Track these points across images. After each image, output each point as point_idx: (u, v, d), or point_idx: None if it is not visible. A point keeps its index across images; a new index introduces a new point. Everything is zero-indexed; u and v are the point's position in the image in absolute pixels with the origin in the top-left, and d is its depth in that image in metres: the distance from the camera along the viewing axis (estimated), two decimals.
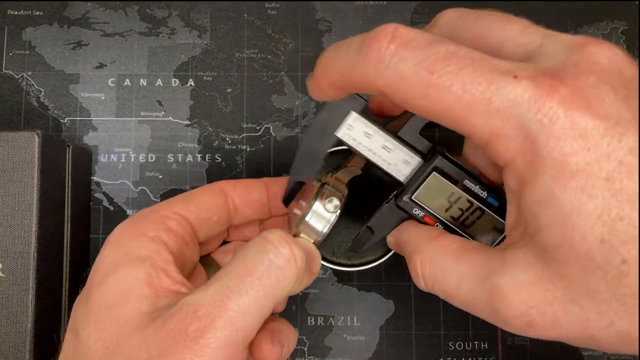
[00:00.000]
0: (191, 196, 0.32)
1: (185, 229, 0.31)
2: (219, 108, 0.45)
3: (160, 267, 0.27)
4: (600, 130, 0.20)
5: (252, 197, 0.34)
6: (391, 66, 0.22)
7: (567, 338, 0.22)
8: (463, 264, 0.25)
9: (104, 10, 0.46)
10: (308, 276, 0.28)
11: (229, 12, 0.46)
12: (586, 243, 0.20)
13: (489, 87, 0.21)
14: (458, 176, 0.28)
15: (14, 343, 0.34)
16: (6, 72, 0.45)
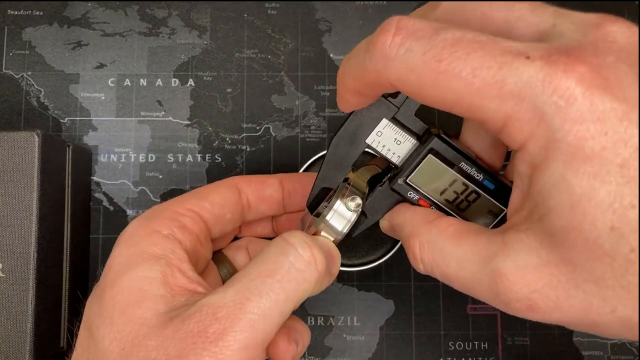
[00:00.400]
0: (205, 192, 0.32)
1: (199, 226, 0.30)
2: (219, 108, 0.45)
3: (176, 265, 0.27)
4: (618, 113, 0.19)
5: (266, 194, 0.33)
6: (398, 58, 0.22)
7: (568, 322, 0.22)
8: (463, 246, 0.24)
9: (103, 10, 0.46)
10: (328, 277, 0.28)
11: (229, 12, 0.46)
12: (595, 229, 0.20)
13: (500, 70, 0.21)
14: (454, 159, 0.27)
15: (14, 343, 0.34)
16: (6, 72, 0.45)
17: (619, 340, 0.43)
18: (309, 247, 0.26)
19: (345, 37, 0.46)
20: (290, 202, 0.34)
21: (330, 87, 0.45)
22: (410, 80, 0.22)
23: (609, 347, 0.43)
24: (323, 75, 0.45)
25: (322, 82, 0.45)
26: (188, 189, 0.44)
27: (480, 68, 0.21)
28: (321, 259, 0.26)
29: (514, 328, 0.43)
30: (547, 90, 0.20)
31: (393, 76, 0.22)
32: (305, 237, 0.26)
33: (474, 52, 0.21)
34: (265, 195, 0.33)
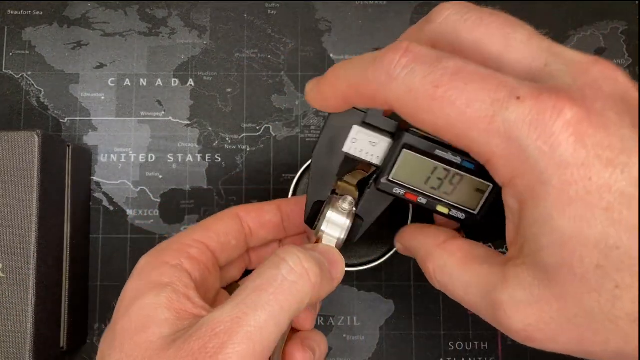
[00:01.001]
0: (209, 223, 0.33)
1: (206, 255, 0.31)
2: (219, 108, 0.45)
3: (182, 292, 0.28)
4: (603, 160, 0.20)
5: (265, 219, 0.34)
6: (400, 78, 0.23)
7: (566, 352, 0.23)
8: (468, 274, 0.26)
9: (103, 10, 0.46)
10: (329, 283, 0.29)
11: (229, 12, 0.46)
12: (583, 267, 0.21)
13: (492, 105, 0.21)
14: (429, 148, 0.28)
15: (14, 343, 0.34)
16: (6, 72, 0.45)
17: None
18: (299, 259, 0.27)
19: (345, 37, 0.46)
20: (290, 225, 0.35)
21: None
22: (407, 102, 0.23)
23: None
24: None
25: None
26: (188, 189, 0.44)
27: (474, 100, 0.22)
28: (314, 269, 0.27)
29: None
30: (533, 134, 0.21)
31: (392, 95, 0.23)
32: (296, 250, 0.27)
33: (471, 84, 0.22)
34: (264, 221, 0.34)
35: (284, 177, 0.44)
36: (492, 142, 0.22)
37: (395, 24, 0.46)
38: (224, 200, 0.44)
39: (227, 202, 0.44)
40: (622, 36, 0.45)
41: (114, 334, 0.27)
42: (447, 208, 0.29)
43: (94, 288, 0.43)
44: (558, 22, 0.45)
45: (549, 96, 0.21)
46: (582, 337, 0.22)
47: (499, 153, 0.22)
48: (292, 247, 0.27)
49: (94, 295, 0.43)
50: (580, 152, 0.20)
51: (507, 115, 0.21)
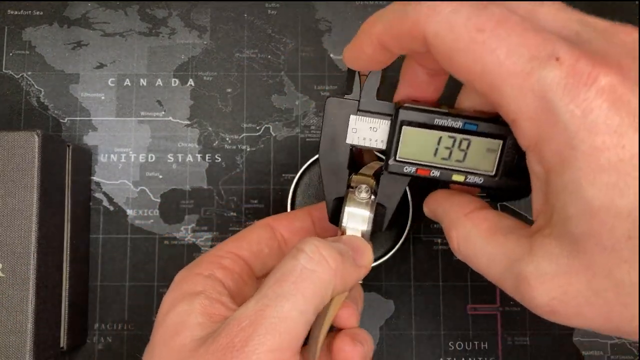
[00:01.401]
0: (241, 235, 0.33)
1: (240, 265, 0.31)
2: (219, 108, 0.45)
3: (215, 298, 0.28)
4: (637, 128, 0.20)
5: (296, 226, 0.34)
6: (443, 14, 0.22)
7: (591, 327, 0.23)
8: (493, 244, 0.25)
9: (103, 10, 0.46)
10: (355, 270, 0.29)
11: (229, 12, 0.46)
12: (613, 238, 0.20)
13: (530, 62, 0.21)
14: (427, 119, 0.28)
15: (14, 343, 0.34)
16: (6, 72, 0.45)
17: (619, 340, 0.43)
18: (316, 247, 0.27)
19: (345, 37, 0.46)
20: (321, 229, 0.35)
21: (330, 87, 0.45)
22: (446, 40, 0.22)
23: (609, 347, 0.43)
24: (323, 75, 0.45)
25: (322, 82, 0.45)
26: (188, 189, 0.44)
27: (514, 53, 0.21)
28: (332, 255, 0.27)
29: (514, 328, 0.43)
30: (566, 97, 0.20)
31: (432, 29, 0.22)
32: (314, 239, 0.27)
33: (515, 35, 0.21)
34: (296, 228, 0.34)
35: (284, 177, 0.44)
36: (524, 100, 0.21)
37: None
38: (223, 200, 0.44)
39: (227, 202, 0.44)
40: None
41: (152, 345, 0.28)
42: (463, 175, 0.28)
43: (94, 288, 0.43)
44: None
45: (587, 61, 0.20)
46: (611, 311, 0.21)
47: (528, 113, 0.21)
48: (310, 237, 0.27)
49: (94, 295, 0.43)
50: (614, 119, 0.20)
51: (544, 75, 0.21)
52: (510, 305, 0.43)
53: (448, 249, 0.43)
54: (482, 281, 0.43)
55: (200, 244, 0.43)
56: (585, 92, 0.20)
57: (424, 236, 0.44)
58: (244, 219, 0.44)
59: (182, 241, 0.43)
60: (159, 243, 0.43)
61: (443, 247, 0.44)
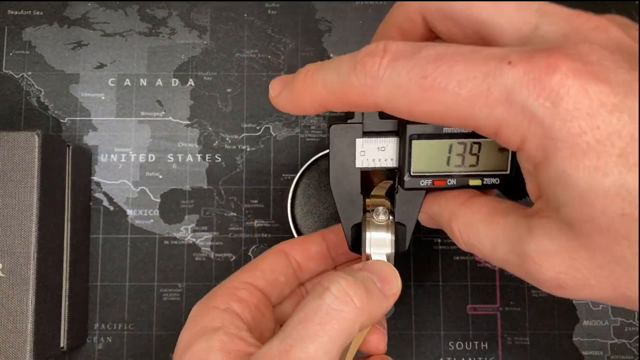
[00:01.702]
0: (255, 264, 0.33)
1: (256, 296, 0.31)
2: (219, 108, 0.45)
3: (234, 333, 0.28)
4: (608, 106, 0.20)
5: (311, 252, 0.34)
6: (385, 79, 0.22)
7: (601, 298, 0.23)
8: (494, 229, 0.25)
9: (104, 10, 0.46)
10: (383, 301, 0.28)
11: (229, 12, 0.46)
12: (607, 218, 0.20)
13: (485, 78, 0.21)
14: (435, 129, 0.28)
15: (14, 343, 0.34)
16: (6, 72, 0.45)
17: (619, 340, 0.43)
18: (342, 287, 0.26)
19: (345, 37, 0.46)
20: (337, 254, 0.34)
21: None
22: (399, 99, 0.23)
23: (609, 347, 0.43)
24: None
25: None
26: (188, 189, 0.44)
27: (465, 79, 0.21)
28: (358, 294, 0.26)
29: (514, 328, 0.43)
30: (533, 93, 0.21)
31: (381, 97, 0.23)
32: (340, 277, 0.27)
33: (457, 65, 0.22)
34: (311, 254, 0.34)
35: (284, 177, 0.44)
36: (495, 113, 0.21)
37: None
38: (223, 200, 0.44)
39: (227, 202, 0.44)
40: None
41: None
42: (479, 179, 0.28)
43: (94, 288, 0.43)
44: None
45: (541, 56, 0.21)
46: (618, 281, 0.21)
47: (504, 122, 0.21)
48: (336, 274, 0.27)
49: (94, 295, 0.43)
50: (584, 102, 0.20)
51: (503, 82, 0.21)
52: (510, 305, 0.43)
53: (448, 249, 0.43)
54: (482, 281, 0.43)
55: (200, 244, 0.43)
56: (548, 82, 0.20)
57: (424, 236, 0.44)
58: (244, 219, 0.44)
59: (182, 241, 0.43)
60: (159, 243, 0.43)
61: (443, 247, 0.44)
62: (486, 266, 0.43)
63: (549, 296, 0.43)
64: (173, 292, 0.43)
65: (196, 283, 0.43)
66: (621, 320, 0.43)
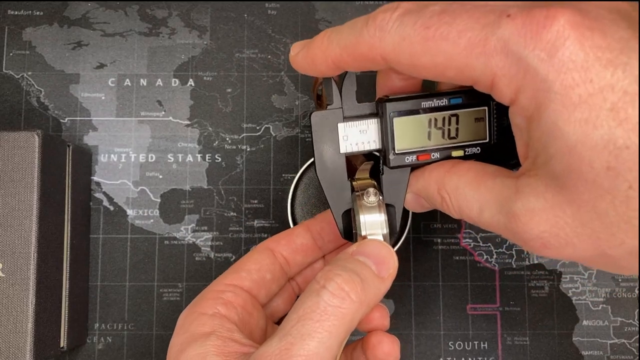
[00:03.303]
0: (240, 265, 0.33)
1: (242, 297, 0.31)
2: (219, 108, 0.45)
3: (226, 336, 0.28)
4: (602, 61, 0.20)
5: (297, 244, 0.34)
6: (393, 31, 0.24)
7: (581, 258, 0.23)
8: (481, 191, 0.26)
9: (104, 10, 0.46)
10: (380, 285, 0.28)
11: (229, 12, 0.46)
12: (593, 171, 0.21)
13: (483, 29, 0.22)
14: (414, 105, 0.28)
15: (14, 343, 0.34)
16: (6, 72, 0.45)
17: (619, 340, 0.43)
18: (338, 284, 0.26)
19: None
20: (323, 242, 0.34)
21: None
22: (403, 50, 0.24)
23: (609, 347, 0.43)
24: None
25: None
26: (188, 189, 0.44)
27: (464, 30, 0.22)
28: (355, 288, 0.26)
29: (514, 328, 0.43)
30: (529, 44, 0.21)
31: (388, 47, 0.24)
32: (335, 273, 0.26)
33: (459, 17, 0.23)
34: (297, 247, 0.34)
35: (284, 177, 0.44)
36: (492, 63, 0.22)
37: None
38: (223, 200, 0.44)
39: (227, 202, 0.44)
40: None
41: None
42: (462, 150, 0.29)
43: (94, 288, 0.43)
44: None
45: (540, 9, 0.21)
46: (598, 239, 0.22)
47: (499, 72, 0.22)
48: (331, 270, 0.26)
49: (94, 295, 0.43)
50: (579, 55, 0.20)
51: (501, 33, 0.22)
52: (510, 305, 0.43)
53: (448, 249, 0.44)
54: (482, 281, 0.43)
55: (200, 244, 0.43)
56: (546, 34, 0.21)
57: (424, 236, 0.44)
58: (244, 219, 0.44)
59: (182, 241, 0.43)
60: (159, 243, 0.43)
61: (443, 247, 0.44)
62: (486, 266, 0.43)
63: (548, 296, 0.43)
64: (173, 292, 0.43)
65: (196, 283, 0.43)
66: (621, 320, 0.43)
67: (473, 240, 0.43)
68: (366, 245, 0.28)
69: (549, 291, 0.43)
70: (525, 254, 0.43)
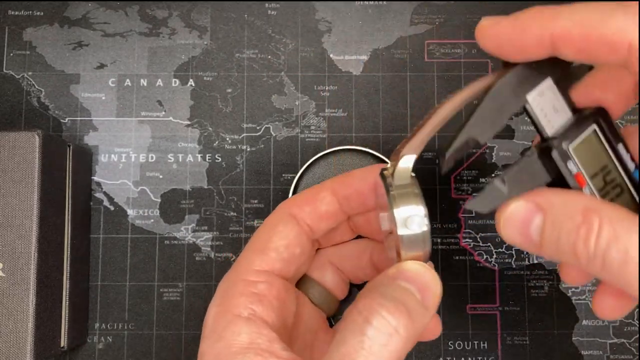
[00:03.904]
0: (265, 240, 0.29)
1: (276, 287, 0.28)
2: (219, 108, 0.45)
3: (266, 349, 0.25)
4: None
5: (322, 212, 0.31)
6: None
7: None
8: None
9: (104, 11, 0.46)
10: (426, 315, 0.25)
11: (229, 12, 0.46)
12: None
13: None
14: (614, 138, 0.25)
15: (14, 342, 0.34)
16: (7, 73, 0.45)
17: (619, 340, 0.43)
18: (384, 319, 0.23)
19: (345, 38, 0.46)
20: (350, 208, 0.31)
21: (329, 87, 0.45)
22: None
23: (609, 346, 0.43)
24: (323, 76, 0.45)
25: (322, 82, 0.45)
26: (188, 189, 0.44)
27: None
28: (403, 322, 0.24)
29: (514, 328, 0.43)
30: None
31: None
32: (380, 304, 0.24)
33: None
34: (321, 214, 0.31)
35: (284, 177, 0.44)
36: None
37: (395, 24, 0.46)
38: (224, 200, 0.44)
39: (227, 202, 0.44)
40: None
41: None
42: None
43: (94, 288, 0.43)
44: None
45: None
46: None
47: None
48: (374, 298, 0.24)
49: (94, 295, 0.43)
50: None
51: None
52: (509, 305, 0.43)
53: (448, 249, 0.44)
54: (481, 281, 0.43)
55: (201, 244, 0.43)
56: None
57: None
58: (244, 219, 0.44)
59: (183, 241, 0.43)
60: (159, 243, 0.43)
61: (443, 247, 0.44)
62: (486, 266, 0.43)
63: (548, 296, 0.43)
64: (173, 292, 0.43)
65: (196, 283, 0.43)
66: (621, 320, 0.43)
67: (473, 240, 0.43)
68: (409, 269, 0.25)
69: (548, 291, 0.43)
70: (525, 254, 0.43)
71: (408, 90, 0.45)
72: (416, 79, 0.45)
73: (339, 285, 0.35)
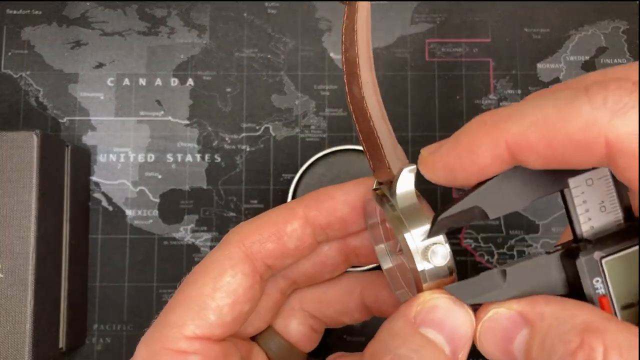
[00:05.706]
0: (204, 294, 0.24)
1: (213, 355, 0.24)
2: (219, 108, 0.45)
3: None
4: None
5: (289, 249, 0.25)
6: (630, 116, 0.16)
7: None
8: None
9: (102, 10, 0.45)
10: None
11: (228, 12, 0.46)
12: None
13: None
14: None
15: (12, 343, 0.34)
16: (5, 72, 0.45)
17: None
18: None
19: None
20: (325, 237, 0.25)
21: (330, 86, 0.45)
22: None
23: None
24: (323, 75, 0.45)
25: (322, 81, 0.45)
26: (187, 189, 0.44)
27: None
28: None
29: None
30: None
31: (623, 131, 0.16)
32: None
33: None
34: (288, 250, 0.25)
35: (284, 177, 0.44)
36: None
37: (396, 24, 0.45)
38: (223, 201, 0.44)
39: (227, 202, 0.43)
40: (623, 35, 0.45)
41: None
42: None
43: (93, 288, 0.43)
44: (558, 21, 0.45)
45: None
46: None
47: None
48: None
49: (93, 295, 0.42)
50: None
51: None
52: None
53: None
54: None
55: (200, 245, 0.43)
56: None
57: None
58: (243, 219, 0.43)
59: (182, 241, 0.43)
60: (158, 243, 0.43)
61: None
62: (487, 267, 0.43)
63: None
64: (172, 293, 0.43)
65: None
66: None
67: (474, 240, 0.43)
68: (434, 309, 0.20)
69: None
70: (526, 254, 0.43)
71: (409, 90, 0.45)
72: (417, 78, 0.45)
73: (307, 336, 0.29)
